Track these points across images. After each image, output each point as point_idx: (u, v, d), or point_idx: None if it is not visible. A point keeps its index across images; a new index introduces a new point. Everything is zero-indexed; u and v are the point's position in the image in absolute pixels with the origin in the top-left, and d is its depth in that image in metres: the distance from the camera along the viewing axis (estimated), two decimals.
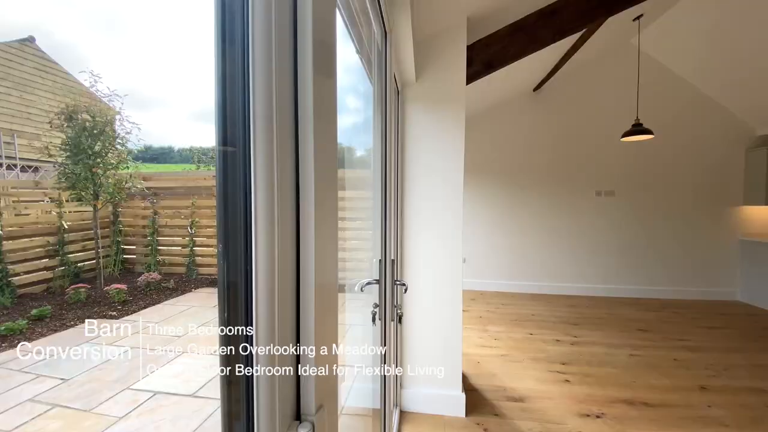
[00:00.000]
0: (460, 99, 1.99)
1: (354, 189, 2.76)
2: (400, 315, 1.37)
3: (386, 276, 1.29)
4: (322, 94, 0.48)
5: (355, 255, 2.90)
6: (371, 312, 1.33)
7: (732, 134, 4.74)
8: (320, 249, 0.47)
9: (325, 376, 0.49)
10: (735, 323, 3.85)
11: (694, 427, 2.04)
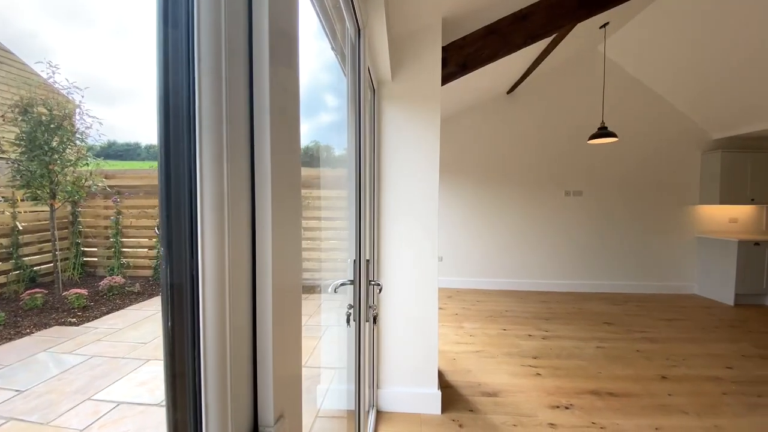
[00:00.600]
0: (435, 99, 1.99)
1: (333, 188, 2.71)
2: (375, 315, 1.35)
3: (361, 276, 1.26)
4: (282, 86, 0.45)
5: (334, 255, 2.85)
6: (346, 313, 1.30)
7: (689, 138, 5.03)
8: (279, 249, 0.44)
9: (286, 383, 0.46)
10: (692, 315, 4.08)
11: (656, 414, 2.14)
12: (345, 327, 1.35)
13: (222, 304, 0.35)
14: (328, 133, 2.65)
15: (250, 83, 0.41)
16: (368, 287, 1.30)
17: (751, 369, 2.72)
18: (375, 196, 1.98)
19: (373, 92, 1.93)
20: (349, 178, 1.30)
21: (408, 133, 2.01)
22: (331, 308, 2.18)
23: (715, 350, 3.08)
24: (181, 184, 0.34)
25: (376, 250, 2.01)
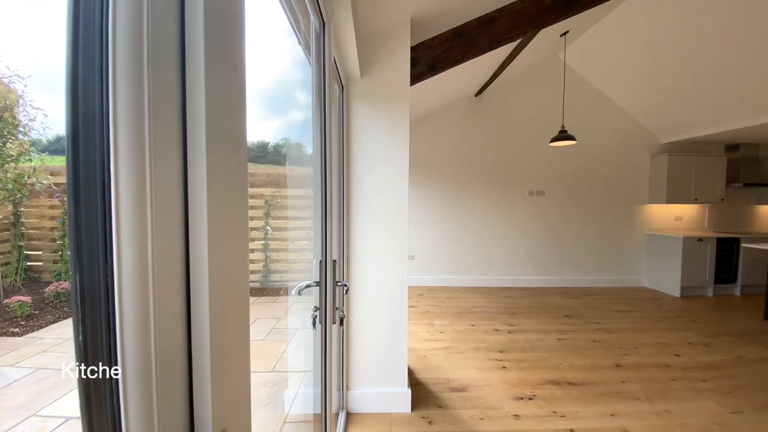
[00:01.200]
0: (404, 98, 1.98)
1: (304, 187, 2.63)
2: (341, 317, 1.31)
3: (327, 278, 1.22)
4: (223, 76, 0.41)
5: (305, 255, 2.77)
6: (312, 316, 1.26)
7: (640, 142, 5.37)
8: (219, 249, 0.40)
9: (229, 394, 0.42)
10: (643, 307, 4.36)
11: (611, 401, 2.25)
12: (313, 330, 1.30)
13: (145, 312, 0.31)
14: (300, 130, 2.58)
15: (182, 73, 0.36)
16: (335, 288, 1.26)
17: (696, 356, 2.94)
18: (344, 194, 1.94)
19: (341, 89, 1.89)
20: (315, 176, 1.25)
21: (377, 130, 1.99)
22: (300, 310, 2.12)
23: (664, 339, 3.30)
24: (93, 181, 0.29)
25: (345, 251, 1.97)
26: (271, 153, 2.48)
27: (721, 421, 2.03)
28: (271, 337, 2.54)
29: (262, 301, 2.69)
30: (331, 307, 1.25)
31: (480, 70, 3.99)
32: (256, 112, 2.25)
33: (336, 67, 1.61)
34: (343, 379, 1.99)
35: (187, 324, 0.38)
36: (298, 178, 2.73)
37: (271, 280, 2.65)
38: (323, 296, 1.23)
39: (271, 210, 2.59)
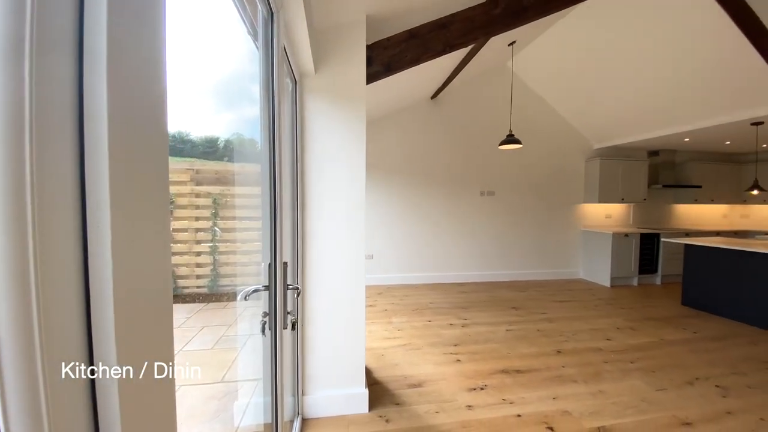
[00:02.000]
0: (360, 96, 1.94)
1: (257, 185, 2.47)
2: (293, 322, 1.24)
3: (277, 281, 1.14)
4: (133, 61, 0.35)
5: (257, 258, 2.61)
6: (261, 322, 1.17)
7: (577, 147, 5.83)
8: (128, 253, 0.34)
9: (144, 409, 0.35)
10: (579, 296, 4.73)
11: (553, 385, 2.39)
12: (265, 337, 1.22)
13: (26, 324, 0.24)
14: (253, 125, 2.42)
15: (79, 63, 0.30)
16: (286, 292, 1.19)
17: (625, 339, 3.24)
18: (298, 193, 1.85)
19: (294, 83, 1.80)
20: (263, 173, 1.16)
21: (333, 128, 1.92)
22: (252, 315, 1.99)
23: (597, 325, 3.60)
24: None
25: (300, 252, 1.88)
26: (222, 149, 2.30)
27: (648, 397, 2.25)
28: (220, 345, 2.36)
29: (210, 308, 2.50)
30: (281, 311, 1.17)
31: (435, 73, 4.06)
32: (207, 105, 2.07)
33: (287, 59, 1.52)
34: (298, 385, 1.90)
35: (88, 341, 0.31)
36: (250, 176, 2.56)
37: (220, 284, 2.46)
38: (273, 301, 1.15)
39: (220, 210, 2.41)
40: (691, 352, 2.94)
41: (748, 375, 2.54)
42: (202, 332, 2.47)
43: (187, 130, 1.99)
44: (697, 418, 2.02)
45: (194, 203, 2.29)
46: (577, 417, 2.03)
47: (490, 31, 2.45)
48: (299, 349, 1.91)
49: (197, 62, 1.77)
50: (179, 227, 2.30)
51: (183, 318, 2.52)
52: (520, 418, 2.02)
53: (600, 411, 2.09)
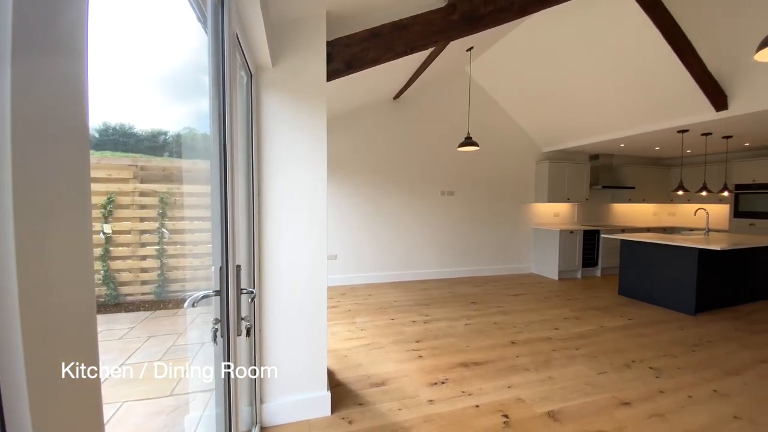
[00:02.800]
0: (321, 92, 1.87)
1: (210, 184, 2.30)
2: (248, 327, 1.16)
3: (229, 285, 1.06)
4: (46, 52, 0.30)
5: (209, 261, 2.44)
6: (212, 329, 1.08)
7: (528, 150, 6.16)
8: (34, 255, 0.32)
9: None
10: (531, 290, 5.00)
11: (508, 374, 2.50)
12: (216, 345, 1.12)
13: None
14: (206, 119, 2.25)
15: None
16: (239, 297, 1.11)
17: (570, 328, 3.47)
18: (254, 192, 1.75)
19: (249, 77, 1.70)
20: (212, 171, 1.08)
21: (292, 125, 1.84)
22: (205, 322, 1.86)
23: (547, 316, 3.83)
24: None
25: (257, 254, 1.78)
26: (171, 144, 2.11)
27: (591, 381, 2.42)
28: (169, 356, 2.18)
29: (158, 316, 2.30)
30: (234, 317, 1.09)
31: (397, 73, 4.08)
32: (155, 97, 1.89)
33: (241, 49, 1.42)
34: (255, 393, 1.80)
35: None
36: (203, 173, 2.40)
37: (169, 291, 2.27)
38: (224, 306, 1.07)
39: (168, 210, 2.21)
40: (627, 338, 3.22)
41: (678, 357, 2.83)
42: (148, 343, 2.26)
43: (132, 123, 1.81)
44: (635, 398, 2.21)
45: (138, 202, 2.09)
46: (530, 403, 2.14)
47: (449, 36, 2.50)
48: (257, 355, 1.81)
49: (144, 51, 1.61)
50: (121, 229, 2.08)
51: (125, 328, 2.29)
52: (478, 408, 2.08)
53: (549, 396, 2.22)
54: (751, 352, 2.91)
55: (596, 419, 1.99)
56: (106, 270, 2.03)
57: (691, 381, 2.43)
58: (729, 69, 3.28)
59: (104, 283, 2.03)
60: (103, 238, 2.00)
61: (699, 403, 2.15)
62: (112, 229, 2.05)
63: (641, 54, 3.52)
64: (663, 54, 3.33)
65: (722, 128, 4.29)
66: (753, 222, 5.51)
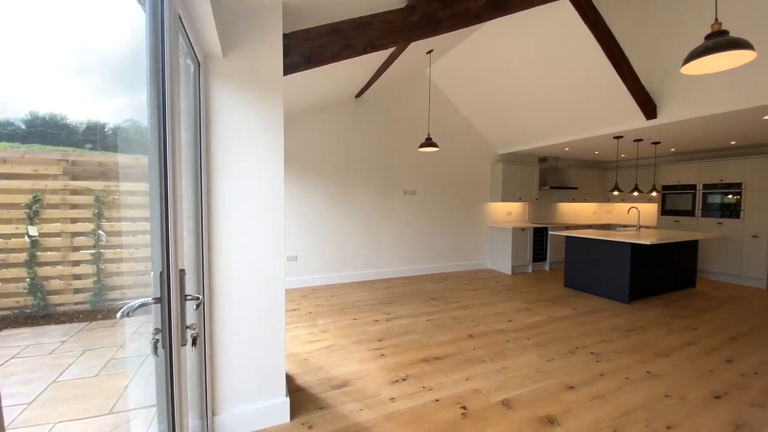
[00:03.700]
0: (277, 86, 1.78)
1: None
2: (194, 336, 1.06)
3: (171, 292, 0.96)
4: None
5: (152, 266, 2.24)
6: (152, 340, 0.97)
7: (484, 152, 6.41)
8: None
9: None
10: (487, 285, 5.21)
11: (466, 366, 2.57)
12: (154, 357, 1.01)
13: None
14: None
15: None
16: (183, 304, 1.01)
17: (523, 319, 3.65)
18: (203, 191, 1.62)
19: (197, 65, 1.57)
20: (151, 167, 0.97)
21: (247, 118, 1.73)
22: (149, 333, 1.69)
23: (501, 309, 4.00)
24: None
25: (206, 257, 1.65)
26: (110, 137, 1.90)
27: (541, 368, 2.56)
28: (108, 370, 1.96)
29: (94, 327, 2.05)
30: (178, 327, 0.99)
31: (359, 71, 4.03)
32: (93, 85, 1.68)
33: (186, 33, 1.30)
34: (207, 405, 1.67)
35: None
36: (146, 169, 2.19)
37: (108, 299, 2.04)
38: (166, 315, 0.97)
39: (105, 210, 1.99)
40: (572, 326, 3.45)
41: (615, 342, 3.09)
42: (83, 357, 2.02)
43: (65, 113, 1.60)
44: (579, 382, 2.37)
45: (69, 201, 1.86)
46: (486, 393, 2.21)
47: (408, 37, 2.51)
48: (207, 365, 1.68)
49: (82, 33, 1.42)
50: (50, 231, 1.84)
51: (56, 342, 2.03)
52: (438, 402, 2.11)
53: (504, 385, 2.31)
54: (678, 335, 3.26)
55: (545, 404, 2.10)
56: (33, 277, 1.80)
57: (627, 364, 2.66)
58: (659, 81, 3.64)
59: (30, 292, 1.79)
60: (28, 242, 1.76)
61: (634, 383, 2.36)
62: (39, 231, 1.81)
63: (584, 65, 3.79)
64: (602, 66, 3.61)
65: (652, 135, 4.76)
66: (677, 219, 6.19)
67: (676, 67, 3.37)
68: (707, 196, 5.72)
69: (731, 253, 5.40)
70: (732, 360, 2.72)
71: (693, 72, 1.90)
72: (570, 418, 1.97)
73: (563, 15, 3.38)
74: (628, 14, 3.32)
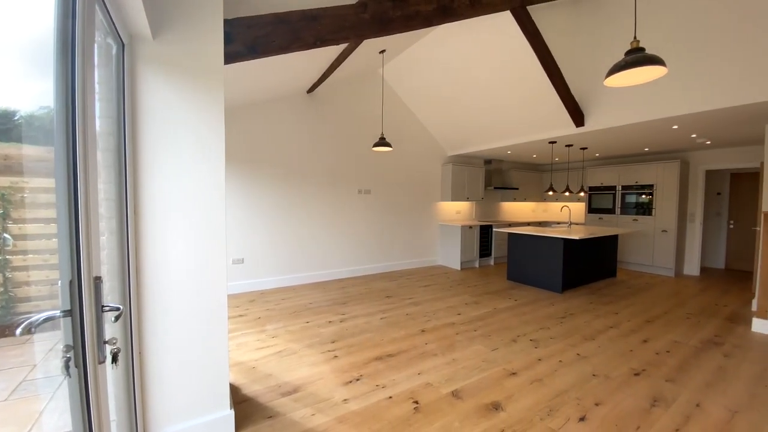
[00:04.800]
0: (217, 75, 1.65)
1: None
2: (115, 352, 0.94)
3: (84, 303, 0.83)
4: None
5: None
6: (62, 359, 0.84)
7: (435, 153, 6.61)
8: None
9: None
10: (438, 280, 5.39)
11: (419, 361, 2.62)
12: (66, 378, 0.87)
13: None
14: None
15: None
16: (100, 316, 0.88)
17: (470, 312, 3.83)
18: (128, 188, 1.44)
19: (121, 47, 1.39)
20: (57, 160, 0.83)
21: (181, 108, 1.57)
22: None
23: (451, 303, 4.16)
24: None
25: (132, 262, 1.47)
26: (22, 127, 1.61)
27: (487, 358, 2.70)
28: (20, 393, 1.66)
29: (1, 345, 1.73)
30: (94, 342, 0.86)
31: (310, 65, 3.91)
32: (10, 67, 1.40)
33: (106, 8, 1.14)
34: (137, 426, 1.50)
35: None
36: None
37: (16, 312, 1.74)
38: (79, 329, 0.84)
39: (12, 210, 1.68)
40: (514, 316, 3.70)
41: (550, 329, 3.36)
42: None
43: None
44: (520, 368, 2.54)
45: None
46: (437, 386, 2.27)
47: (360, 34, 2.48)
48: (136, 383, 1.50)
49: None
50: None
51: None
52: (391, 399, 2.12)
53: (453, 377, 2.40)
54: (602, 320, 3.64)
55: (491, 391, 2.22)
56: None
57: (560, 348, 2.91)
58: (587, 92, 4.04)
59: None
60: None
61: (567, 365, 2.59)
62: None
63: (524, 74, 4.08)
64: (539, 76, 3.92)
65: (580, 141, 5.27)
66: (601, 216, 6.94)
67: (601, 79, 3.76)
68: (625, 196, 6.50)
69: (645, 246, 6.20)
70: (648, 340, 3.11)
71: (615, 84, 2.13)
72: (512, 402, 2.10)
73: (506, 27, 3.60)
74: (561, 29, 3.63)
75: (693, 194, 6.02)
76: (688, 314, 3.84)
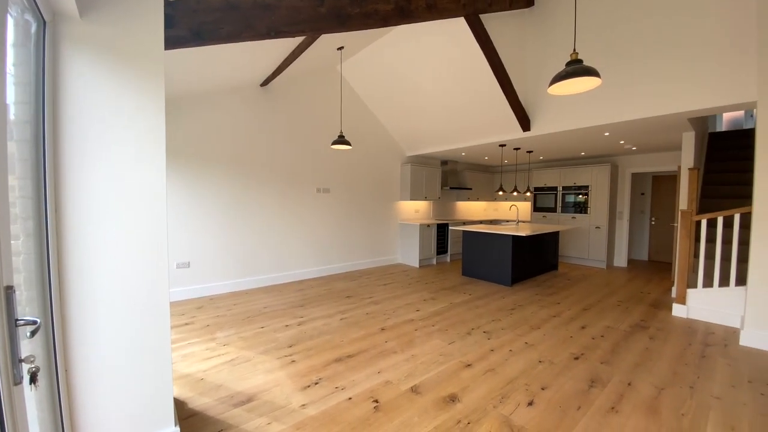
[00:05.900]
0: (157, 61, 1.51)
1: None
2: (34, 371, 0.82)
3: None
4: None
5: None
6: None
7: (395, 153, 6.70)
8: None
9: None
10: (397, 278, 5.46)
11: (379, 360, 2.63)
12: None
13: None
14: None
15: None
16: (13, 331, 0.76)
17: (428, 308, 3.93)
18: (47, 184, 1.27)
19: (41, 24, 1.21)
20: None
21: (112, 95, 1.42)
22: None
23: (410, 300, 4.24)
24: None
25: (53, 268, 1.30)
26: None
27: (444, 351, 2.79)
28: None
29: None
30: (7, 361, 0.75)
31: (263, 56, 3.75)
32: None
33: None
34: None
35: None
36: None
37: None
38: None
39: None
40: (468, 310, 3.87)
41: (502, 320, 3.57)
42: None
43: None
44: (474, 359, 2.67)
45: None
46: (396, 383, 2.30)
47: (317, 28, 2.43)
48: (63, 404, 1.33)
49: None
50: None
51: None
52: (351, 400, 2.11)
53: (413, 373, 2.45)
54: (546, 310, 3.95)
55: (448, 384, 2.30)
56: None
57: (510, 338, 3.11)
58: (532, 99, 4.35)
59: None
60: None
61: (516, 354, 2.77)
62: None
63: (476, 79, 4.27)
64: (490, 82, 4.13)
65: (527, 144, 5.66)
66: (545, 214, 7.52)
67: (545, 87, 4.07)
68: (565, 196, 7.11)
69: (581, 241, 6.84)
70: (585, 327, 3.43)
71: (557, 92, 2.32)
72: (468, 392, 2.20)
73: (460, 33, 3.75)
74: (511, 39, 3.87)
75: (621, 194, 6.76)
76: (619, 301, 4.31)
